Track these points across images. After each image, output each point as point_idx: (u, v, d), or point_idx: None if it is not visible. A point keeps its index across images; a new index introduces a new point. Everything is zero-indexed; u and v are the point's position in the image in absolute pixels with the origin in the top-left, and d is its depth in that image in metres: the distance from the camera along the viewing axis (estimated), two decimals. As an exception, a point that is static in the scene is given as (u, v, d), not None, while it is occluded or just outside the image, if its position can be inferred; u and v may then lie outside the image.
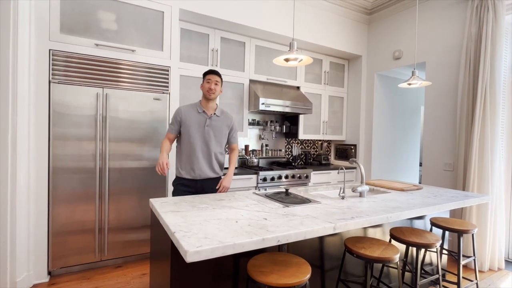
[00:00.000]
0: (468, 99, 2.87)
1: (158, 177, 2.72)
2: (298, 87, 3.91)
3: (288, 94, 3.64)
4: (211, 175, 2.17)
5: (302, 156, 4.35)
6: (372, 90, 4.08)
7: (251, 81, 3.53)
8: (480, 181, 2.74)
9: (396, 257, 1.49)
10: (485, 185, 2.71)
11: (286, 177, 3.43)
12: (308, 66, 3.98)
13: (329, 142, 4.59)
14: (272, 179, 3.32)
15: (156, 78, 2.69)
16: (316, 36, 3.66)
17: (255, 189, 3.27)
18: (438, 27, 3.28)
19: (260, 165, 3.80)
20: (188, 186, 2.13)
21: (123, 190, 2.57)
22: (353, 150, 4.26)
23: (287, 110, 3.50)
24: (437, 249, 1.83)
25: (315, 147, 4.51)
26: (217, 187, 2.16)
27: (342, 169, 3.57)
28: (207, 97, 2.16)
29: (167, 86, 2.74)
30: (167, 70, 2.74)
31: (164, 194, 2.75)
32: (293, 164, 3.97)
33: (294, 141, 4.28)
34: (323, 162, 4.25)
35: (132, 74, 2.58)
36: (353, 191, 1.97)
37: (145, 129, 2.64)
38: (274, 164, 3.92)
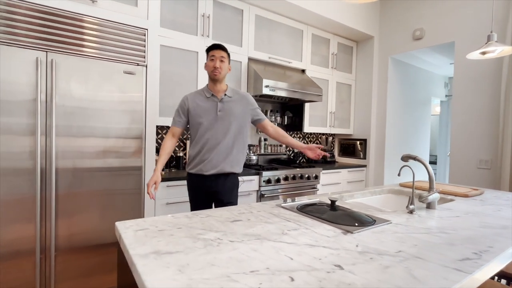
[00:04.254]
0: (517, 82, 2.38)
1: (131, 179, 1.98)
2: (303, 70, 3.29)
3: (292, 77, 3.00)
4: (224, 170, 1.75)
5: (305, 152, 3.73)
6: (385, 77, 3.55)
7: (250, 59, 2.85)
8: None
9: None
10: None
11: (294, 178, 2.80)
12: (315, 46, 3.36)
13: (333, 136, 4.02)
14: (278, 180, 2.67)
15: (128, 44, 1.93)
16: (325, 8, 3.05)
17: (258, 193, 2.60)
18: (472, -1, 2.78)
19: (259, 163, 3.14)
20: (197, 184, 1.77)
21: (78, 197, 1.80)
22: (362, 146, 3.71)
23: (296, 96, 2.86)
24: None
25: (318, 142, 3.92)
26: (315, 155, 1.75)
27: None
28: (213, 78, 1.74)
29: (144, 56, 2.00)
30: (144, 34, 2.00)
31: (139, 204, 2.01)
32: (297, 162, 3.35)
33: (296, 135, 3.66)
34: (329, 159, 3.67)
35: (93, 35, 1.81)
36: (421, 201, 1.37)
37: (111, 116, 1.88)
38: (275, 162, 3.28)
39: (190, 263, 0.73)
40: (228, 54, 1.77)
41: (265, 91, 2.62)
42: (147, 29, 2.00)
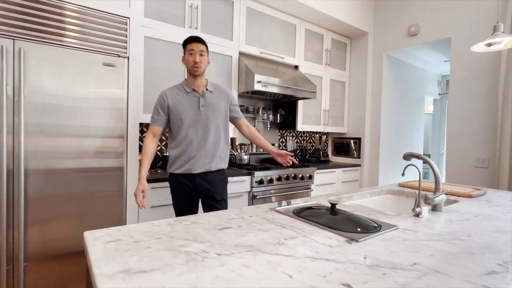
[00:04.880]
0: (516, 79, 2.32)
1: (111, 181, 1.82)
2: (296, 66, 3.17)
3: (285, 73, 2.88)
4: (214, 167, 1.69)
5: (298, 151, 3.63)
6: (380, 74, 3.46)
7: (241, 54, 2.72)
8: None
9: None
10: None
11: (287, 178, 2.68)
12: (308, 41, 3.25)
13: (326, 135, 3.92)
14: (271, 181, 2.55)
15: (108, 33, 1.77)
16: (318, 1, 2.93)
17: (249, 194, 2.47)
18: (468, -6, 2.71)
19: (251, 163, 3.01)
20: (183, 183, 1.66)
21: (51, 200, 1.64)
22: (356, 145, 3.62)
23: (289, 92, 2.73)
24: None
25: (311, 141, 3.81)
26: (285, 162, 1.84)
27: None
28: (194, 73, 1.65)
29: (125, 47, 1.84)
30: (125, 23, 1.84)
31: (120, 207, 1.85)
32: (290, 161, 3.23)
33: (289, 134, 3.54)
34: (322, 158, 3.57)
35: (68, 22, 1.65)
36: (427, 203, 1.26)
37: (88, 112, 1.72)
38: (267, 162, 3.15)
39: (167, 285, 0.59)
40: (207, 47, 1.69)
41: (257, 87, 2.49)
42: (129, 18, 1.84)
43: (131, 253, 0.75)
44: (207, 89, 1.69)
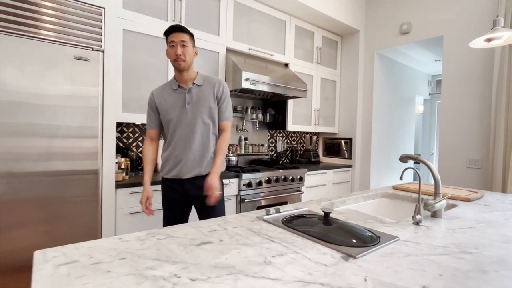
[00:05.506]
0: (510, 80, 2.27)
1: (85, 185, 1.66)
2: (286, 64, 3.06)
3: (275, 71, 2.76)
4: (201, 171, 1.51)
5: (288, 152, 3.52)
6: (371, 73, 3.39)
7: (229, 50, 2.59)
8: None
9: None
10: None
11: (277, 180, 2.56)
12: (298, 38, 3.15)
13: (317, 135, 3.83)
14: (259, 183, 2.43)
15: (80, 24, 1.62)
16: (311, -3, 2.84)
17: (237, 197, 2.35)
18: (461, -8, 2.66)
19: (239, 165, 2.88)
20: (173, 189, 1.53)
21: (15, 207, 1.47)
22: (347, 146, 3.54)
23: (279, 91, 2.62)
24: None
25: (301, 141, 3.71)
26: (204, 193, 1.43)
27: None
28: (176, 67, 1.47)
29: (100, 40, 1.69)
30: (100, 14, 1.69)
31: (95, 213, 1.70)
32: (280, 162, 3.12)
33: (279, 134, 3.43)
34: (313, 159, 3.47)
35: (33, 10, 1.48)
36: (426, 209, 1.16)
37: (58, 111, 1.56)
38: (256, 163, 3.03)
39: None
40: (191, 36, 1.47)
41: (245, 84, 2.36)
42: (104, 8, 1.69)
43: (85, 280, 0.61)
44: (194, 84, 1.50)
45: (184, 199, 1.54)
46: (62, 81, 1.56)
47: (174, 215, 1.55)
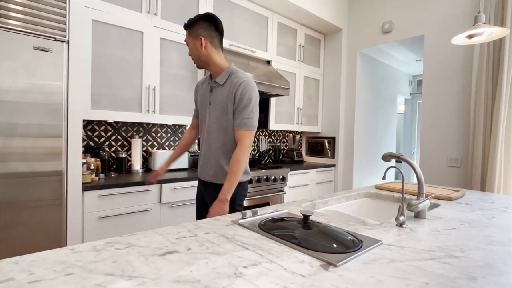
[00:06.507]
0: (488, 79, 2.29)
1: (47, 188, 1.52)
2: (268, 62, 2.99)
3: (257, 69, 2.69)
4: (212, 179, 1.41)
5: (271, 152, 3.46)
6: (354, 72, 3.38)
7: (208, 45, 2.48)
8: (509, 181, 2.18)
9: None
10: (512, 184, 2.17)
11: (259, 180, 2.49)
12: (281, 36, 3.09)
13: (300, 134, 3.79)
14: (240, 184, 2.33)
15: (40, 12, 1.48)
16: (294, -6, 2.78)
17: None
18: (441, -9, 2.68)
19: (220, 164, 2.78)
20: (199, 186, 1.53)
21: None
22: (330, 145, 3.52)
23: (262, 88, 2.54)
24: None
25: (284, 140, 3.66)
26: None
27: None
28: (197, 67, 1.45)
29: (64, 30, 1.55)
30: (64, 1, 1.55)
31: (59, 219, 1.56)
32: (262, 162, 3.05)
33: (261, 133, 3.36)
34: (296, 159, 3.43)
35: (-15, -5, 1.34)
36: (410, 210, 1.12)
37: (14, 107, 1.42)
38: (238, 163, 2.94)
39: None
40: (190, 29, 1.33)
41: (225, 81, 2.27)
42: (69, -5, 1.56)
43: (14, 304, 0.51)
44: (215, 82, 1.37)
45: (204, 199, 1.49)
46: (19, 74, 1.41)
47: (199, 211, 1.52)
